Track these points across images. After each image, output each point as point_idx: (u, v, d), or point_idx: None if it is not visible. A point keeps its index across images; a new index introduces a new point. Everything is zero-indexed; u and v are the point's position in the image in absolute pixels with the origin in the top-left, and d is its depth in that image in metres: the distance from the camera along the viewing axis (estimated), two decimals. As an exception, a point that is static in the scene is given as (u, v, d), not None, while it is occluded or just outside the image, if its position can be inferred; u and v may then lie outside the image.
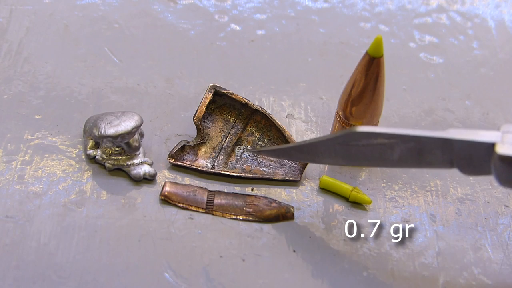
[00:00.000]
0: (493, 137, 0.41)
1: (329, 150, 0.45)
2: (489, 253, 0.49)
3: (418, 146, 0.43)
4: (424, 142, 0.42)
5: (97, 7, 0.64)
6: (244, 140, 0.54)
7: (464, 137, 0.42)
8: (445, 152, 0.42)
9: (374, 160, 0.45)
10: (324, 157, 0.46)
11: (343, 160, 0.46)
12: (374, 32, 0.65)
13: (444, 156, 0.43)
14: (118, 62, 0.59)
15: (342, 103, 0.51)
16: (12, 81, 0.57)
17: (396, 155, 0.44)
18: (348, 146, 0.44)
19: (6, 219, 0.48)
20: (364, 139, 0.43)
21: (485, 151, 0.41)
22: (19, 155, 0.52)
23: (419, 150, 0.43)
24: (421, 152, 0.43)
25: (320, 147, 0.46)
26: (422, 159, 0.43)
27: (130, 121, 0.50)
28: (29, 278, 0.45)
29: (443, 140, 0.42)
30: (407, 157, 0.44)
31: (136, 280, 0.46)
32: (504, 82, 0.62)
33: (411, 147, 0.43)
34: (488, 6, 0.69)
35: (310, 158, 0.48)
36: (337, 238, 0.49)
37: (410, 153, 0.43)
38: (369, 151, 0.44)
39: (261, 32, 0.64)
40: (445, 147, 0.42)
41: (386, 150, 0.44)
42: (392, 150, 0.43)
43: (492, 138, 0.41)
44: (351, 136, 0.44)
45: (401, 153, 0.43)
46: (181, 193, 0.50)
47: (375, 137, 0.43)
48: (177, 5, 0.65)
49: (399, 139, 0.43)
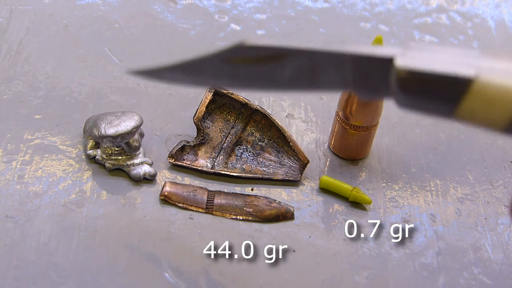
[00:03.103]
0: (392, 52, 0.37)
1: (215, 69, 0.41)
2: (489, 253, 0.49)
3: (311, 63, 0.39)
4: (318, 58, 0.38)
5: (97, 7, 0.64)
6: (244, 140, 0.54)
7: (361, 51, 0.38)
8: (340, 70, 0.38)
9: (263, 82, 0.41)
10: (210, 77, 0.42)
11: (230, 82, 0.42)
12: (374, 32, 0.65)
13: (339, 75, 0.39)
14: (118, 62, 0.59)
15: (342, 103, 0.51)
16: (12, 81, 0.57)
17: (287, 74, 0.40)
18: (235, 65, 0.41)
19: (6, 219, 0.48)
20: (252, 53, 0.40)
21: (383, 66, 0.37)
22: (19, 155, 0.52)
23: (311, 67, 0.39)
24: (314, 70, 0.39)
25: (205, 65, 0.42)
26: (315, 78, 0.39)
27: (130, 121, 0.50)
28: (29, 278, 0.45)
29: (337, 55, 0.38)
30: (299, 77, 0.40)
31: (136, 280, 0.46)
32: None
33: (303, 64, 0.39)
34: (488, 6, 0.69)
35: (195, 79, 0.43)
36: (337, 238, 0.49)
37: (302, 71, 0.39)
38: (258, 71, 0.40)
39: (261, 32, 0.64)
40: (340, 63, 0.38)
41: (276, 69, 0.40)
42: (283, 69, 0.40)
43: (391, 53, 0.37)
44: (239, 49, 0.40)
45: (293, 72, 0.39)
46: (181, 193, 0.50)
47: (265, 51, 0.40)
48: (177, 5, 0.65)
49: (290, 53, 0.39)
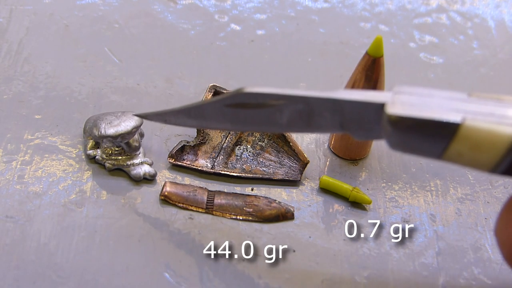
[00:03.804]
0: (383, 98, 0.39)
1: (216, 113, 0.44)
2: (489, 253, 0.49)
3: (307, 108, 0.41)
4: (313, 103, 0.41)
5: (97, 7, 0.64)
6: (244, 140, 0.54)
7: (354, 97, 0.40)
8: (335, 114, 0.41)
9: (263, 124, 0.43)
10: (212, 121, 0.44)
11: (232, 125, 0.44)
12: (374, 32, 0.65)
13: (334, 119, 0.41)
14: (118, 62, 0.59)
15: (342, 103, 0.51)
16: (12, 81, 0.57)
17: (285, 118, 0.42)
18: (236, 109, 0.43)
19: (6, 219, 0.48)
20: (252, 100, 0.42)
21: (375, 112, 0.39)
22: (19, 155, 0.52)
23: (308, 112, 0.41)
24: (311, 115, 0.41)
25: (207, 110, 0.44)
26: (311, 122, 0.42)
27: (130, 121, 0.50)
28: (29, 278, 0.45)
29: (332, 100, 0.40)
30: (296, 120, 0.42)
31: (136, 280, 0.46)
32: (504, 82, 0.62)
33: (300, 109, 0.41)
34: (488, 6, 0.69)
35: (198, 123, 0.45)
36: (337, 238, 0.49)
37: (299, 115, 0.42)
38: (257, 115, 0.42)
39: (261, 32, 0.64)
40: (334, 108, 0.40)
41: (274, 113, 0.42)
42: (281, 113, 0.42)
43: (382, 99, 0.39)
44: (239, 96, 0.42)
45: (290, 116, 0.42)
46: (181, 193, 0.50)
47: (263, 98, 0.42)
48: (177, 5, 0.65)
49: (287, 100, 0.41)
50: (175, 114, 0.46)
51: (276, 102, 0.42)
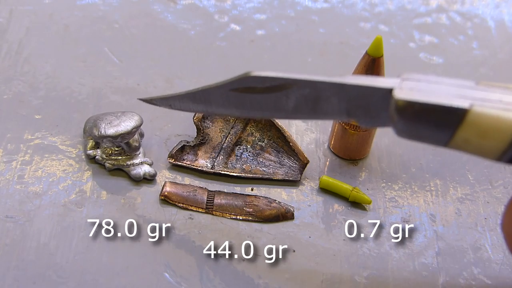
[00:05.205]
0: (391, 83, 0.39)
1: (222, 98, 0.43)
2: (489, 253, 0.49)
3: (314, 92, 0.41)
4: (320, 88, 0.40)
5: (97, 7, 0.64)
6: (244, 140, 0.54)
7: (362, 82, 0.39)
8: (341, 100, 0.40)
9: (269, 110, 0.43)
10: (217, 106, 0.44)
11: (237, 110, 0.44)
12: (374, 32, 0.65)
13: (341, 104, 0.41)
14: (118, 62, 0.59)
15: (342, 103, 0.51)
16: (12, 81, 0.57)
17: (291, 103, 0.42)
18: (242, 94, 0.42)
19: (6, 219, 0.48)
20: (258, 83, 0.42)
21: (382, 97, 0.39)
22: (19, 155, 0.52)
23: (314, 97, 0.41)
24: (317, 100, 0.41)
25: (213, 94, 0.44)
26: (317, 107, 0.41)
27: (130, 121, 0.50)
28: (29, 278, 0.45)
29: (339, 85, 0.40)
30: (302, 106, 0.42)
31: (136, 280, 0.46)
32: (504, 82, 0.62)
33: (307, 94, 0.41)
34: (488, 6, 0.69)
35: (203, 108, 0.45)
36: (337, 238, 0.49)
37: (305, 101, 0.41)
38: (263, 100, 0.42)
39: (261, 32, 0.64)
40: (341, 93, 0.40)
41: (281, 98, 0.42)
42: (287, 98, 0.42)
43: (390, 84, 0.39)
44: (245, 80, 0.42)
45: (297, 101, 0.41)
46: (181, 193, 0.50)
47: (270, 81, 0.41)
48: (177, 5, 0.65)
49: (294, 84, 0.41)
50: (180, 99, 0.46)
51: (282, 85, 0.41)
